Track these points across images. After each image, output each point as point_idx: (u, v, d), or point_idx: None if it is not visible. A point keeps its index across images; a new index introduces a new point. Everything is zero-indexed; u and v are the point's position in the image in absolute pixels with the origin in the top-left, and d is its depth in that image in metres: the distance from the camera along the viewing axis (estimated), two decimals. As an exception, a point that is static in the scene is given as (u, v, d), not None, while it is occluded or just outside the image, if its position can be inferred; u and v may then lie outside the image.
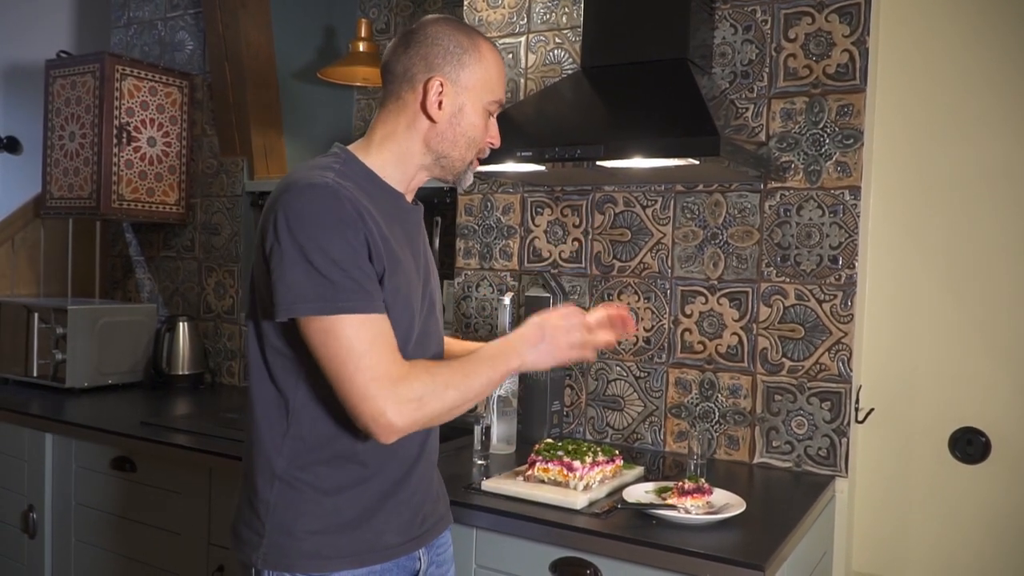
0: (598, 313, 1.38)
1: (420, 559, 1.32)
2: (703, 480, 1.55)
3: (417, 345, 1.28)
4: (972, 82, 1.87)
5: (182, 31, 3.06)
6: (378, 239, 1.17)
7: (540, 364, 1.27)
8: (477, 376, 1.21)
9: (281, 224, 1.13)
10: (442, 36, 1.26)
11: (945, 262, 1.89)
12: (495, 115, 1.33)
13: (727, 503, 1.53)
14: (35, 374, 2.67)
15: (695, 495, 1.50)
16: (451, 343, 1.57)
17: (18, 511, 2.34)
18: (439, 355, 1.37)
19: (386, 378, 1.12)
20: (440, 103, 1.25)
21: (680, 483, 1.53)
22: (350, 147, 1.31)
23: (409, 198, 1.34)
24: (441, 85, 1.25)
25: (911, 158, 1.92)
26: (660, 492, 1.58)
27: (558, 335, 1.27)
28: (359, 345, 1.12)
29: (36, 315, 2.67)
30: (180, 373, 2.80)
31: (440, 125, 1.27)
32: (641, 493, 1.59)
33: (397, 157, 1.29)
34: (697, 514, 1.47)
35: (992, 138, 1.85)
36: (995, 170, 1.85)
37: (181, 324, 2.82)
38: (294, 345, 1.19)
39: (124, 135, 2.77)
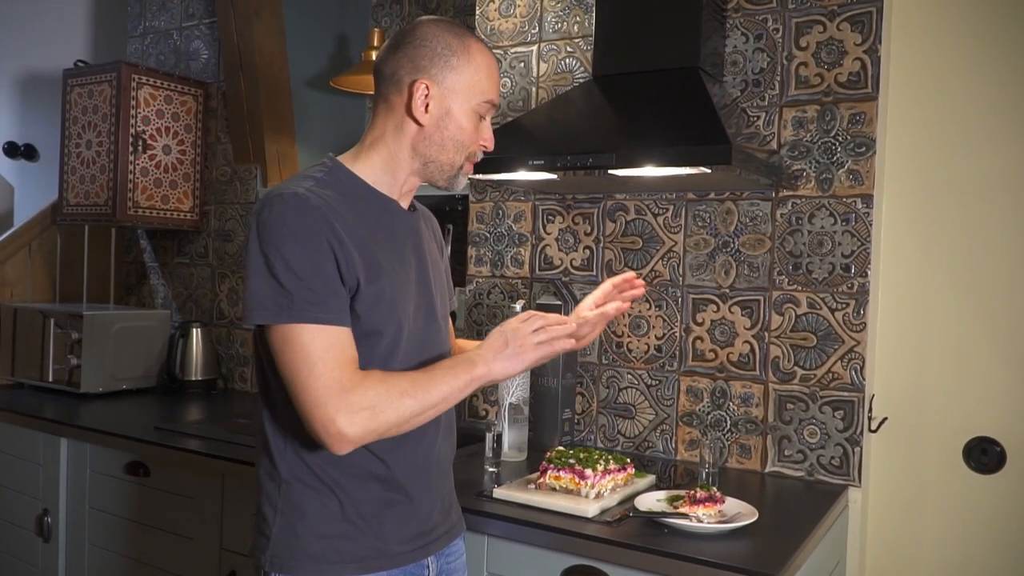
0: (598, 291, 1.41)
1: (428, 567, 1.32)
2: (715, 489, 1.55)
3: (413, 352, 1.27)
4: (985, 89, 1.86)
5: (197, 40, 3.09)
6: (351, 248, 1.17)
7: (510, 369, 1.24)
8: (436, 385, 1.18)
9: (252, 234, 1.17)
10: (430, 37, 1.25)
11: (958, 270, 1.88)
12: (487, 117, 1.31)
13: (739, 512, 1.53)
14: (50, 379, 2.70)
15: (707, 504, 1.50)
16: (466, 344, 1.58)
17: (33, 515, 2.36)
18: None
19: (338, 386, 1.12)
20: (427, 106, 1.24)
21: (692, 492, 1.53)
22: (342, 155, 1.31)
23: (405, 203, 1.33)
24: (427, 88, 1.24)
25: (923, 166, 1.92)
26: (672, 501, 1.58)
27: (520, 336, 1.24)
28: (313, 353, 1.13)
29: (52, 321, 2.69)
30: (193, 379, 2.82)
31: (427, 129, 1.25)
32: (653, 502, 1.59)
33: (385, 161, 1.28)
34: (709, 523, 1.46)
35: (1005, 146, 1.84)
36: (1008, 177, 1.84)
37: (194, 330, 2.85)
38: None
39: (140, 143, 2.80)
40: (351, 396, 1.12)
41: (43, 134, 3.56)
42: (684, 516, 1.48)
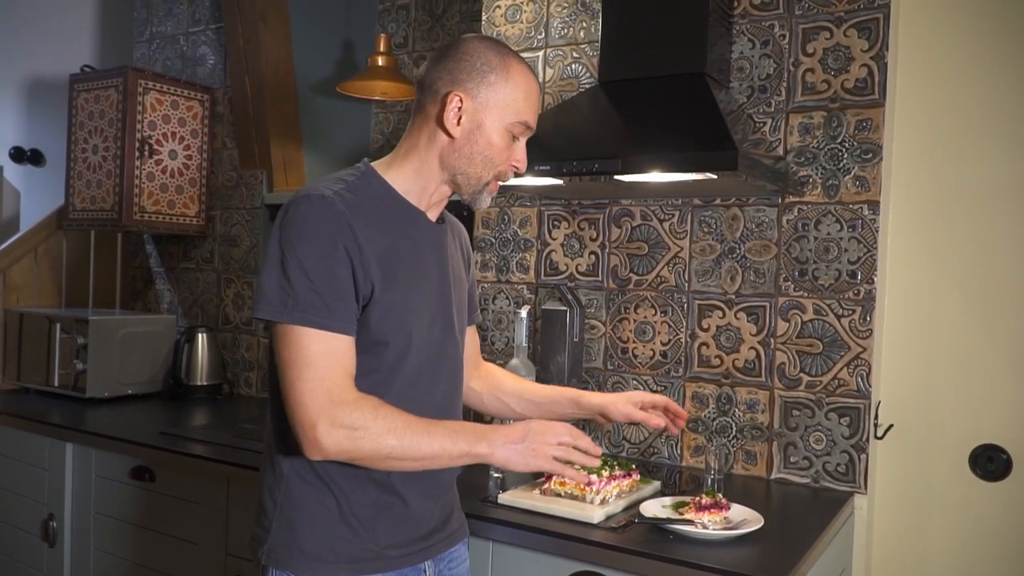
0: (650, 396, 1.50)
1: (425, 571, 1.33)
2: (720, 495, 1.55)
3: (425, 365, 1.27)
4: (993, 95, 1.86)
5: (204, 45, 3.10)
6: (370, 255, 1.18)
7: (513, 463, 1.21)
8: (430, 439, 1.17)
9: (274, 231, 1.19)
10: (472, 52, 1.26)
11: (964, 277, 1.88)
12: (521, 138, 1.31)
13: (744, 519, 1.52)
14: (56, 384, 2.70)
15: (712, 510, 1.50)
16: (526, 385, 1.58)
17: (38, 520, 2.36)
18: (455, 376, 1.37)
19: (325, 394, 1.14)
20: (459, 119, 1.25)
21: (697, 498, 1.52)
22: (376, 161, 1.32)
23: (434, 214, 1.34)
24: (460, 100, 1.24)
25: (930, 172, 1.92)
26: (677, 507, 1.57)
27: (540, 439, 1.22)
28: (308, 356, 1.14)
29: (58, 325, 2.70)
30: (198, 384, 2.82)
31: (457, 141, 1.26)
32: (658, 508, 1.58)
33: (416, 171, 1.29)
34: (714, 529, 1.46)
35: (1013, 152, 1.84)
36: (1016, 183, 1.84)
37: (200, 335, 2.85)
38: None
39: (146, 148, 2.81)
40: (336, 409, 1.13)
41: (49, 139, 3.58)
42: (689, 522, 1.48)
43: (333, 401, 1.14)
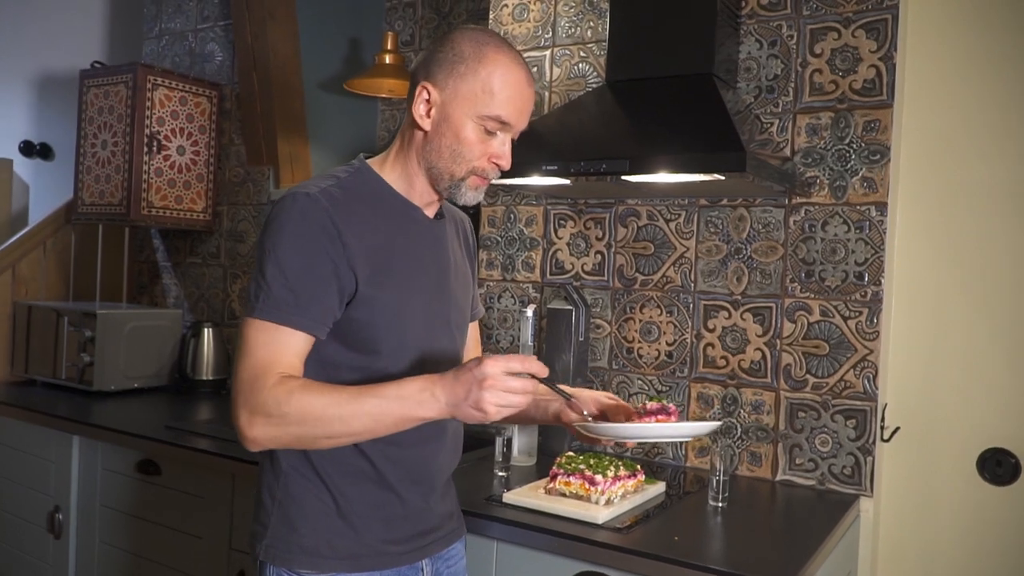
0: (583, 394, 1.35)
1: (423, 570, 1.32)
2: (666, 401, 1.39)
3: (421, 361, 1.26)
4: (1001, 97, 1.85)
5: (212, 42, 3.11)
6: (357, 252, 1.17)
7: (463, 418, 1.11)
8: (359, 411, 1.09)
9: (263, 229, 1.20)
10: (448, 43, 1.23)
11: (973, 279, 1.87)
12: (500, 134, 1.23)
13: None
14: (63, 377, 2.72)
15: (660, 416, 1.35)
16: None
17: (44, 511, 2.37)
18: None
19: (252, 384, 1.11)
20: (429, 111, 1.22)
21: (641, 404, 1.38)
22: (373, 158, 1.32)
23: (431, 210, 1.32)
24: (428, 92, 1.22)
25: (938, 174, 1.91)
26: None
27: (477, 394, 1.08)
28: (251, 348, 1.14)
29: (65, 319, 2.71)
30: (204, 378, 2.83)
31: (429, 134, 1.23)
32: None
33: (404, 167, 1.28)
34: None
35: (1020, 153, 1.83)
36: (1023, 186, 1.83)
37: (206, 330, 2.86)
38: None
39: (154, 143, 2.82)
40: (254, 396, 1.11)
41: (59, 134, 3.59)
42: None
43: (254, 389, 1.11)
